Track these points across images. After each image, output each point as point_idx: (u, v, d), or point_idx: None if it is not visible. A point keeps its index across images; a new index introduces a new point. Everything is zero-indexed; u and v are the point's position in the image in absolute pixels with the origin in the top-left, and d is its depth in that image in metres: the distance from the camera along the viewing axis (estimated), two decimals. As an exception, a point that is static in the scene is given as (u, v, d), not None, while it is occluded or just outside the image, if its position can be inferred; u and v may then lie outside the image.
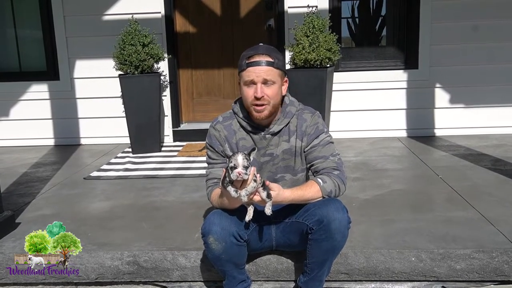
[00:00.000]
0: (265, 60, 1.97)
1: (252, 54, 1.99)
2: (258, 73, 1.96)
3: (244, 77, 2.00)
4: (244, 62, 1.99)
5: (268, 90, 1.98)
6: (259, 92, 1.97)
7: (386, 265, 2.20)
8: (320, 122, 2.11)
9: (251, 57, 1.98)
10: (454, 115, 4.71)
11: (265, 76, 1.97)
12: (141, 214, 2.86)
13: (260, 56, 1.97)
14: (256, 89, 1.97)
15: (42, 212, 2.91)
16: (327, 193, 1.97)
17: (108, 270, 2.30)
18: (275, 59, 1.99)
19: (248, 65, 1.97)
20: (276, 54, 2.01)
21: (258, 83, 1.97)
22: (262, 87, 1.97)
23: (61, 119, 4.92)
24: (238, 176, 1.77)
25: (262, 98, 1.98)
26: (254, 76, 1.97)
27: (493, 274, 2.17)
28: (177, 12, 4.90)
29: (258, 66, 1.96)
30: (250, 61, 1.98)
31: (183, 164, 3.98)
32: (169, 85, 4.83)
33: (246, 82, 2.00)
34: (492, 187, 3.07)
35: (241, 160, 1.77)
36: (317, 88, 3.94)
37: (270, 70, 1.97)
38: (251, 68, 1.97)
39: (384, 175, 3.44)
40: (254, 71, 1.96)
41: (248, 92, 2.00)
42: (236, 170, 1.77)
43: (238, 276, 2.05)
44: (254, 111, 2.02)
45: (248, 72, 1.98)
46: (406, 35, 4.72)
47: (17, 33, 5.01)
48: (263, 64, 1.96)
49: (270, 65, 1.97)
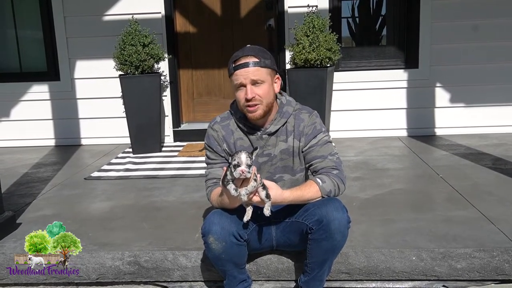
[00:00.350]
0: (251, 61, 1.97)
1: (238, 56, 2.00)
2: (245, 74, 1.97)
3: (233, 81, 2.02)
4: (232, 66, 2.00)
5: (258, 90, 1.99)
6: (249, 94, 1.97)
7: (386, 265, 2.20)
8: (317, 122, 2.12)
9: (237, 60, 1.99)
10: (454, 114, 4.71)
11: (253, 76, 1.97)
12: (141, 214, 2.86)
13: (245, 58, 1.98)
14: (246, 91, 1.98)
15: (43, 213, 2.91)
16: (327, 193, 1.97)
17: (109, 270, 2.30)
18: (261, 58, 1.99)
19: (235, 69, 1.99)
20: (262, 53, 2.02)
21: (248, 85, 1.98)
22: (252, 88, 1.98)
23: (61, 120, 4.93)
24: (242, 174, 1.77)
25: (253, 99, 1.98)
26: (242, 78, 1.98)
27: (493, 273, 2.17)
28: (177, 12, 4.90)
29: (245, 68, 1.97)
30: (236, 64, 1.99)
31: (184, 164, 3.98)
32: (170, 85, 4.83)
33: (236, 86, 2.01)
34: (492, 186, 3.07)
35: (244, 159, 1.78)
36: (317, 87, 3.94)
37: (257, 70, 1.98)
38: (238, 71, 1.98)
39: (384, 175, 3.44)
40: (241, 74, 1.98)
41: (239, 95, 2.02)
42: (239, 168, 1.77)
43: (238, 275, 2.06)
44: (248, 112, 2.03)
45: (236, 75, 1.99)
46: (406, 34, 4.72)
47: (17, 33, 5.01)
48: (249, 66, 1.97)
49: (257, 65, 1.98)
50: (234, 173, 1.78)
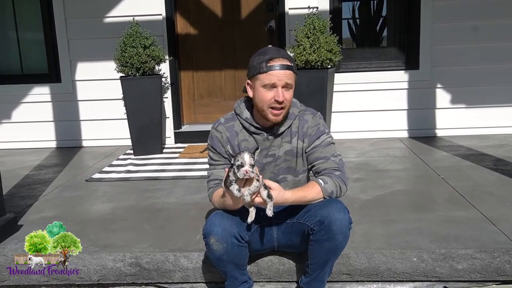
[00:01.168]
0: (286, 64, 1.98)
1: (273, 57, 1.98)
2: (281, 77, 1.97)
3: (264, 79, 1.98)
4: (265, 65, 1.97)
5: (287, 94, 2.00)
6: (281, 96, 1.97)
7: (387, 266, 2.20)
8: (321, 123, 2.12)
9: (271, 60, 1.97)
10: (455, 115, 4.71)
11: (287, 80, 1.98)
12: (143, 215, 2.86)
13: (281, 60, 1.98)
14: (277, 93, 1.97)
15: (44, 214, 2.91)
16: (328, 194, 1.97)
17: (110, 271, 2.30)
18: (293, 63, 2.01)
19: (269, 68, 1.97)
20: (292, 59, 2.04)
21: (279, 87, 1.98)
22: (283, 91, 1.98)
23: (62, 121, 4.94)
24: (245, 175, 1.78)
25: (283, 102, 1.99)
26: (276, 79, 1.97)
27: (495, 274, 2.17)
28: (178, 14, 4.91)
29: (281, 70, 1.96)
30: (271, 64, 1.97)
31: (185, 165, 3.99)
32: (170, 87, 4.84)
33: (266, 85, 1.99)
34: (493, 187, 3.07)
35: (248, 159, 1.78)
36: (318, 89, 3.94)
37: (290, 74, 1.99)
38: (274, 71, 1.96)
39: (385, 176, 3.44)
40: (277, 75, 1.97)
41: (266, 95, 1.99)
42: (243, 168, 1.77)
43: (239, 277, 2.06)
44: (271, 114, 2.02)
45: (270, 75, 1.97)
46: (407, 35, 4.73)
47: (18, 35, 5.02)
48: (284, 68, 1.97)
49: (290, 69, 1.99)
50: (238, 173, 1.79)
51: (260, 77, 2.00)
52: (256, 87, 2.02)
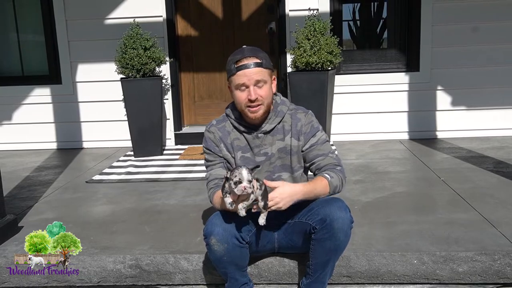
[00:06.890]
0: (253, 62, 2.00)
1: (240, 57, 2.01)
2: (249, 75, 1.99)
3: (235, 81, 2.03)
4: (233, 67, 2.01)
5: (261, 91, 2.02)
6: (253, 95, 2.00)
7: (388, 268, 2.20)
8: (314, 121, 2.16)
9: (239, 61, 2.01)
10: (455, 117, 4.71)
11: (256, 77, 2.00)
12: (143, 217, 2.86)
13: (248, 59, 2.00)
14: (249, 92, 2.01)
15: (44, 216, 2.91)
16: (333, 188, 2.01)
17: (110, 273, 2.30)
18: (262, 59, 2.03)
19: (237, 69, 2.00)
20: (262, 54, 2.05)
21: (251, 86, 2.00)
22: (255, 89, 2.01)
23: (63, 123, 4.94)
24: (243, 191, 1.77)
25: (257, 100, 2.01)
26: (246, 79, 2.00)
27: (495, 277, 2.17)
28: (178, 16, 4.91)
29: (249, 69, 1.99)
30: (238, 65, 2.00)
31: (185, 167, 3.99)
32: (171, 89, 4.84)
33: (237, 86, 2.03)
34: (494, 189, 3.07)
35: (246, 175, 1.78)
36: (319, 91, 3.95)
37: (260, 71, 2.01)
38: (241, 72, 2.00)
39: (386, 178, 3.43)
40: (245, 74, 1.99)
41: (241, 96, 2.03)
42: (241, 185, 1.76)
43: (240, 278, 2.06)
44: (249, 112, 2.05)
45: (239, 76, 2.00)
46: (407, 37, 4.73)
47: (19, 37, 5.02)
48: (252, 66, 1.99)
49: (259, 66, 2.01)
50: (235, 190, 1.78)
51: (232, 79, 2.05)
52: (232, 89, 2.08)
